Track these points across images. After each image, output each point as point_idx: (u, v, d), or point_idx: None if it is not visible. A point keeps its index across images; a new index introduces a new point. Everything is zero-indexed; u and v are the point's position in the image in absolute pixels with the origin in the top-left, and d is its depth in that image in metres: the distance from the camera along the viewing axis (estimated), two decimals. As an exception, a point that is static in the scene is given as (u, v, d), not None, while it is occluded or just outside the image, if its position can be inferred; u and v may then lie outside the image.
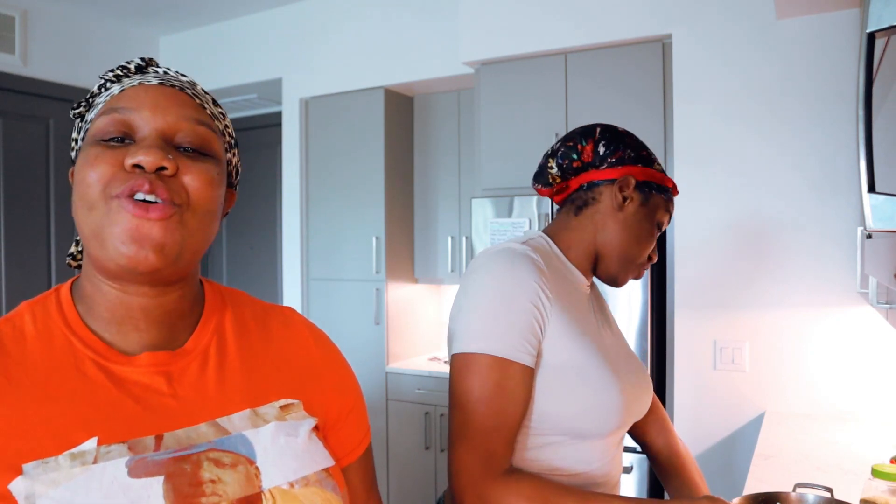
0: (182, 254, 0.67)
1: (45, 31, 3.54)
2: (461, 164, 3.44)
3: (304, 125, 3.65)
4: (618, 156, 1.09)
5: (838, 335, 2.25)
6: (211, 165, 0.70)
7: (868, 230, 0.68)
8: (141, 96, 0.68)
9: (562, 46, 2.69)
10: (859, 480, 1.59)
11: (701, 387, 2.43)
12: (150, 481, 0.61)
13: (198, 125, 0.69)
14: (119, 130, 0.67)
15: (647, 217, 1.10)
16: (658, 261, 2.56)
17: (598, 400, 1.01)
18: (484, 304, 0.97)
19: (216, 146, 0.72)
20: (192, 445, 0.66)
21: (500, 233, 2.75)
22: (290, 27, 3.67)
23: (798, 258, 2.30)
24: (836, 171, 2.25)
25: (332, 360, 0.83)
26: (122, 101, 0.68)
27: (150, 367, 0.68)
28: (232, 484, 0.65)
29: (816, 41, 2.27)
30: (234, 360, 0.74)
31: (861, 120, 0.66)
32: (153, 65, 0.75)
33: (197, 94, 0.73)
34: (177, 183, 0.66)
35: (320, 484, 0.70)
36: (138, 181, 0.64)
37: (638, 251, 1.11)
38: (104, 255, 0.65)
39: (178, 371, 0.69)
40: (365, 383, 3.46)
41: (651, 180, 1.10)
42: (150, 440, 0.64)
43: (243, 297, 0.83)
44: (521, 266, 0.98)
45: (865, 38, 0.66)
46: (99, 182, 0.64)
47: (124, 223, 0.63)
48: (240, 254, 4.47)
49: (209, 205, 0.69)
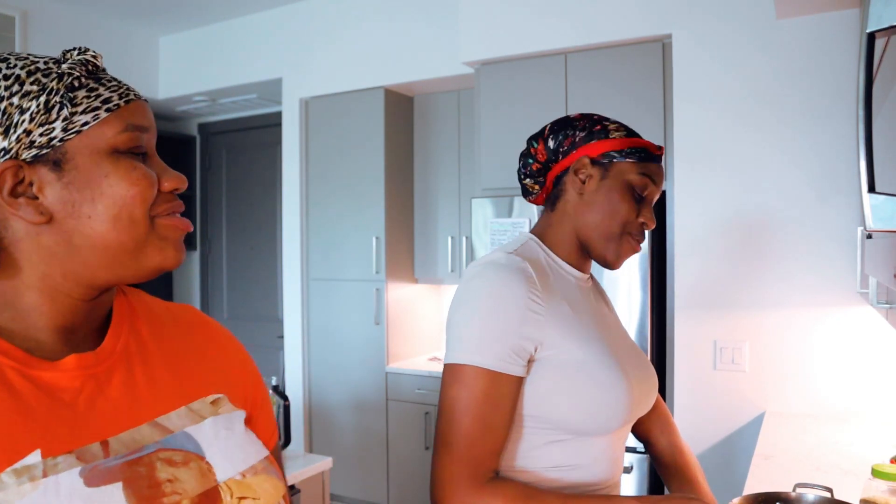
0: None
1: (45, 31, 3.54)
2: (461, 164, 3.44)
3: (304, 125, 3.65)
4: (567, 142, 1.11)
5: (838, 335, 2.25)
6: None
7: (868, 230, 0.68)
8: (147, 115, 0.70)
9: (562, 46, 2.69)
10: (859, 480, 1.59)
11: (701, 387, 2.43)
12: (110, 488, 0.60)
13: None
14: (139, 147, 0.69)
15: (614, 187, 1.08)
16: (658, 261, 2.56)
17: (605, 397, 1.01)
18: (473, 317, 0.99)
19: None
20: (140, 448, 0.65)
21: (500, 233, 2.75)
22: (290, 27, 3.67)
23: (798, 258, 2.30)
24: (836, 170, 2.25)
25: (240, 354, 0.83)
26: (137, 118, 0.69)
27: (77, 370, 0.65)
28: (189, 481, 0.65)
29: (816, 41, 2.27)
30: (157, 359, 0.73)
31: (861, 120, 0.66)
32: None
33: None
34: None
35: (266, 471, 0.72)
36: (177, 204, 0.70)
37: (614, 224, 1.08)
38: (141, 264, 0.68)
39: (104, 373, 0.67)
40: (365, 383, 3.46)
41: (609, 150, 1.08)
42: (96, 447, 0.63)
43: (143, 295, 0.81)
44: (509, 277, 0.99)
45: (865, 38, 0.66)
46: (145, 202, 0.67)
47: (177, 237, 0.69)
48: (240, 254, 4.47)
49: None
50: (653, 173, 1.09)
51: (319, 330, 3.62)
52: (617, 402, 1.02)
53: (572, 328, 1.02)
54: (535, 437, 1.02)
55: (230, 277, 4.50)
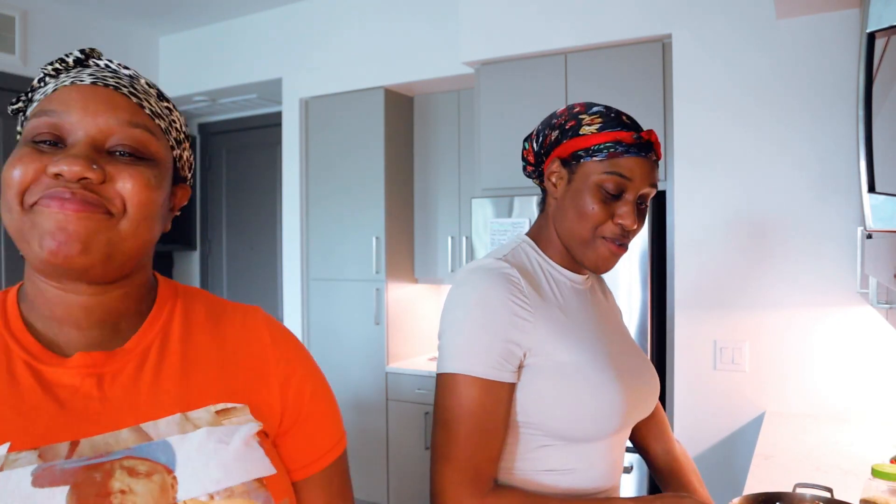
0: (113, 255, 0.65)
1: (45, 31, 3.54)
2: (461, 164, 3.44)
3: (304, 125, 3.65)
4: (546, 144, 1.08)
5: (838, 335, 2.24)
6: (147, 168, 0.67)
7: (868, 230, 0.68)
8: (72, 97, 0.65)
9: (562, 46, 2.69)
10: (859, 480, 1.59)
11: (701, 387, 2.43)
12: (54, 491, 0.58)
13: (132, 128, 0.67)
14: (51, 134, 0.64)
15: (581, 190, 1.02)
16: (658, 261, 2.56)
17: (597, 402, 0.99)
18: (461, 326, 0.98)
19: (154, 147, 0.69)
20: (109, 452, 0.62)
21: (500, 233, 2.75)
22: (290, 27, 3.67)
23: (798, 258, 2.30)
24: (836, 171, 2.25)
25: (290, 362, 0.78)
26: (53, 102, 0.65)
27: (81, 368, 0.65)
28: (143, 494, 0.61)
29: (816, 41, 2.27)
30: (174, 362, 0.70)
31: (861, 120, 0.66)
32: (94, 57, 0.71)
33: (135, 93, 0.69)
34: (110, 190, 0.64)
35: (248, 495, 0.66)
36: (57, 191, 0.62)
37: (584, 229, 1.02)
38: (31, 254, 0.64)
39: (110, 373, 0.67)
40: (365, 383, 3.46)
41: (577, 149, 1.03)
42: (63, 447, 0.61)
43: (200, 296, 0.79)
44: (495, 284, 0.98)
45: (865, 38, 0.66)
46: (18, 184, 0.63)
47: (45, 232, 0.62)
48: (240, 254, 4.47)
49: (146, 209, 0.66)
50: (624, 169, 1.01)
51: (319, 330, 3.62)
52: (610, 406, 1.00)
53: (562, 333, 1.01)
54: (529, 440, 1.01)
55: (230, 277, 4.50)
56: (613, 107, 1.07)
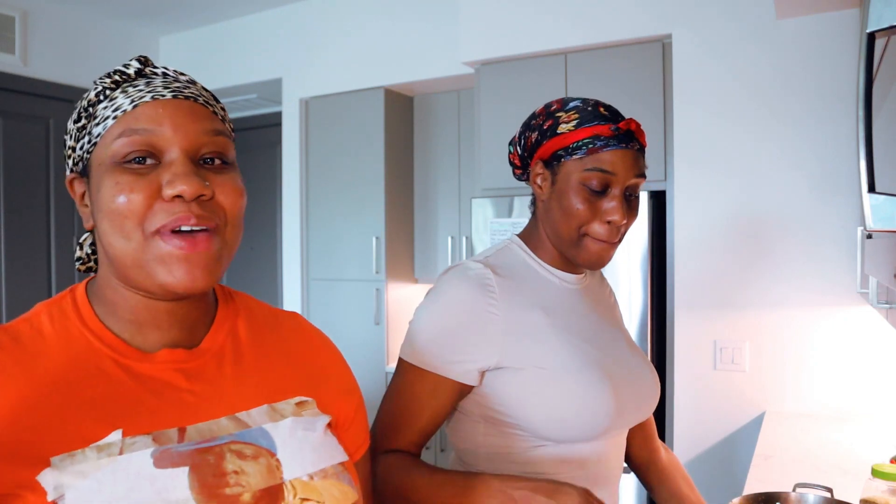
0: (223, 268, 0.70)
1: (45, 31, 3.54)
2: (461, 164, 3.44)
3: (304, 125, 3.65)
4: (528, 146, 1.09)
5: (838, 335, 2.24)
6: (235, 174, 0.71)
7: (868, 230, 0.68)
8: (159, 114, 0.66)
9: (562, 46, 2.69)
10: (859, 480, 1.59)
11: (701, 387, 2.43)
12: (176, 472, 0.62)
13: (216, 136, 0.69)
14: (144, 151, 0.65)
15: (564, 190, 1.01)
16: (658, 261, 2.56)
17: (583, 402, 0.99)
18: (421, 319, 1.04)
19: (232, 151, 0.72)
20: (215, 438, 0.67)
21: (500, 233, 2.75)
22: (290, 27, 3.67)
23: (798, 258, 2.30)
24: (836, 171, 2.25)
25: (339, 364, 0.85)
26: (140, 120, 0.66)
27: (168, 363, 0.69)
28: (254, 475, 0.66)
29: (816, 41, 2.27)
30: (249, 359, 0.75)
31: (861, 120, 0.66)
32: (150, 65, 0.73)
33: (208, 102, 0.72)
34: (213, 204, 0.67)
35: (337, 477, 0.72)
36: (183, 214, 0.64)
37: (570, 228, 1.02)
38: (149, 281, 0.66)
39: (195, 368, 0.71)
40: (365, 383, 3.44)
41: (557, 149, 1.02)
42: (173, 432, 0.65)
43: (251, 300, 0.84)
44: (463, 287, 1.01)
45: (865, 38, 0.66)
46: (136, 214, 0.64)
47: (174, 259, 0.65)
48: (240, 254, 4.46)
49: (241, 216, 0.71)
50: (606, 164, 0.99)
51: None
52: (597, 407, 0.99)
53: (540, 334, 1.01)
54: (521, 442, 1.01)
55: (230, 277, 4.50)
56: (592, 98, 1.06)
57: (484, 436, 1.04)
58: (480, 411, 1.03)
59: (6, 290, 3.37)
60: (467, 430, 1.06)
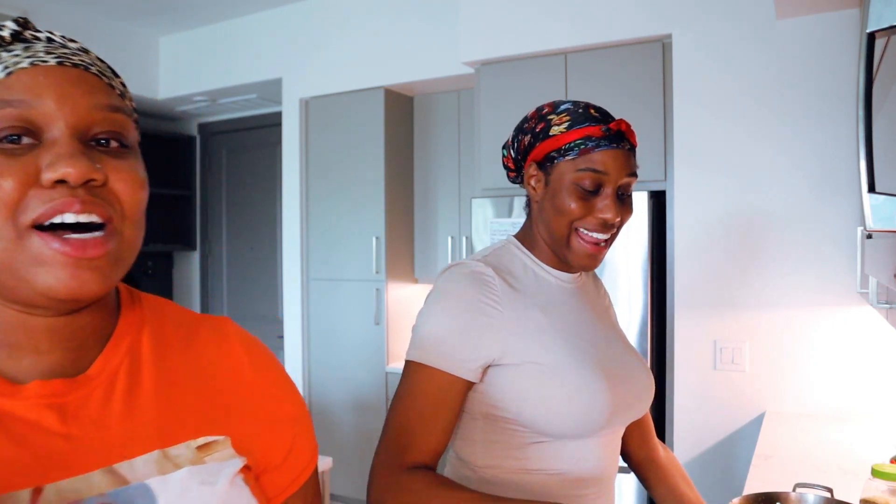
0: (121, 271, 0.57)
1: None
2: (461, 164, 3.44)
3: (304, 125, 3.65)
4: (522, 150, 1.10)
5: (838, 335, 2.24)
6: (135, 161, 0.58)
7: (868, 230, 0.68)
8: (39, 83, 0.53)
9: (562, 46, 2.69)
10: (859, 480, 1.59)
11: (701, 387, 2.43)
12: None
13: (113, 112, 0.57)
14: (20, 128, 0.52)
15: (557, 190, 1.03)
16: (658, 261, 2.56)
17: (579, 399, 1.00)
18: (426, 319, 1.02)
19: (133, 133, 0.59)
20: (79, 500, 0.53)
21: (500, 233, 2.75)
22: (290, 27, 3.67)
23: (798, 258, 2.30)
24: (836, 170, 2.25)
25: (272, 386, 0.69)
26: (16, 90, 0.53)
27: (39, 398, 0.55)
28: None
29: (816, 41, 2.27)
30: (147, 388, 0.60)
31: (861, 120, 0.66)
32: (30, 28, 0.58)
33: (102, 72, 0.58)
34: (106, 191, 0.55)
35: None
36: (65, 201, 0.51)
37: (562, 228, 1.04)
38: (26, 289, 0.53)
39: (75, 403, 0.56)
40: (365, 383, 3.46)
41: (549, 151, 1.04)
42: (24, 495, 0.51)
43: (167, 307, 0.68)
44: (466, 285, 1.01)
45: (865, 38, 0.66)
46: (4, 204, 0.51)
47: (56, 265, 0.52)
48: (240, 254, 4.47)
49: (141, 210, 0.58)
50: (598, 164, 1.01)
51: (319, 330, 3.62)
52: (593, 404, 1.00)
53: (539, 332, 1.02)
54: (514, 438, 1.02)
55: (230, 277, 4.50)
56: (582, 101, 1.08)
57: (482, 432, 1.04)
58: (479, 408, 1.04)
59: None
60: (465, 427, 1.06)
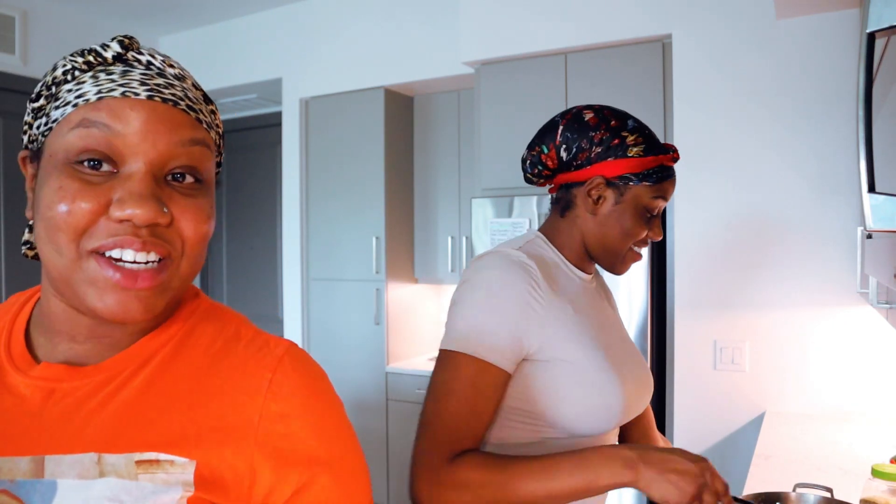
0: (170, 300, 0.59)
1: (45, 31, 3.54)
2: (461, 164, 3.44)
3: (304, 125, 3.65)
4: (583, 157, 1.06)
5: (838, 335, 2.24)
6: (203, 198, 0.59)
7: (868, 230, 0.68)
8: (126, 114, 0.55)
9: (562, 46, 2.69)
10: (859, 480, 1.59)
11: (701, 387, 2.43)
12: None
13: (192, 146, 0.58)
14: (99, 153, 0.55)
15: (627, 211, 1.06)
16: (658, 261, 2.56)
17: (599, 399, 1.01)
18: (471, 307, 0.99)
19: (210, 165, 0.61)
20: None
21: (500, 233, 2.75)
22: (290, 27, 3.67)
23: (798, 258, 2.30)
24: (835, 171, 2.25)
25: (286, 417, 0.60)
26: (103, 114, 0.55)
27: (37, 379, 0.58)
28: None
29: (816, 41, 2.27)
30: (131, 393, 0.59)
31: (861, 120, 0.66)
32: (133, 49, 0.59)
33: (192, 106, 0.60)
34: (171, 232, 0.57)
35: None
36: (128, 238, 0.54)
37: (623, 244, 1.08)
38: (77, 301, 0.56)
39: (64, 390, 0.58)
40: (365, 383, 3.46)
41: (626, 172, 1.05)
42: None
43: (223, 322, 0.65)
44: (512, 273, 0.99)
45: (865, 38, 0.66)
46: (74, 229, 0.54)
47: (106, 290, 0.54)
48: (240, 254, 4.47)
49: (203, 245, 0.60)
50: (667, 192, 1.08)
51: (319, 330, 3.62)
52: (611, 404, 1.02)
53: (572, 330, 1.02)
54: (529, 432, 1.02)
55: (230, 277, 4.50)
56: (630, 114, 1.11)
57: (496, 428, 1.04)
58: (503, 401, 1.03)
59: (6, 289, 3.38)
60: None
